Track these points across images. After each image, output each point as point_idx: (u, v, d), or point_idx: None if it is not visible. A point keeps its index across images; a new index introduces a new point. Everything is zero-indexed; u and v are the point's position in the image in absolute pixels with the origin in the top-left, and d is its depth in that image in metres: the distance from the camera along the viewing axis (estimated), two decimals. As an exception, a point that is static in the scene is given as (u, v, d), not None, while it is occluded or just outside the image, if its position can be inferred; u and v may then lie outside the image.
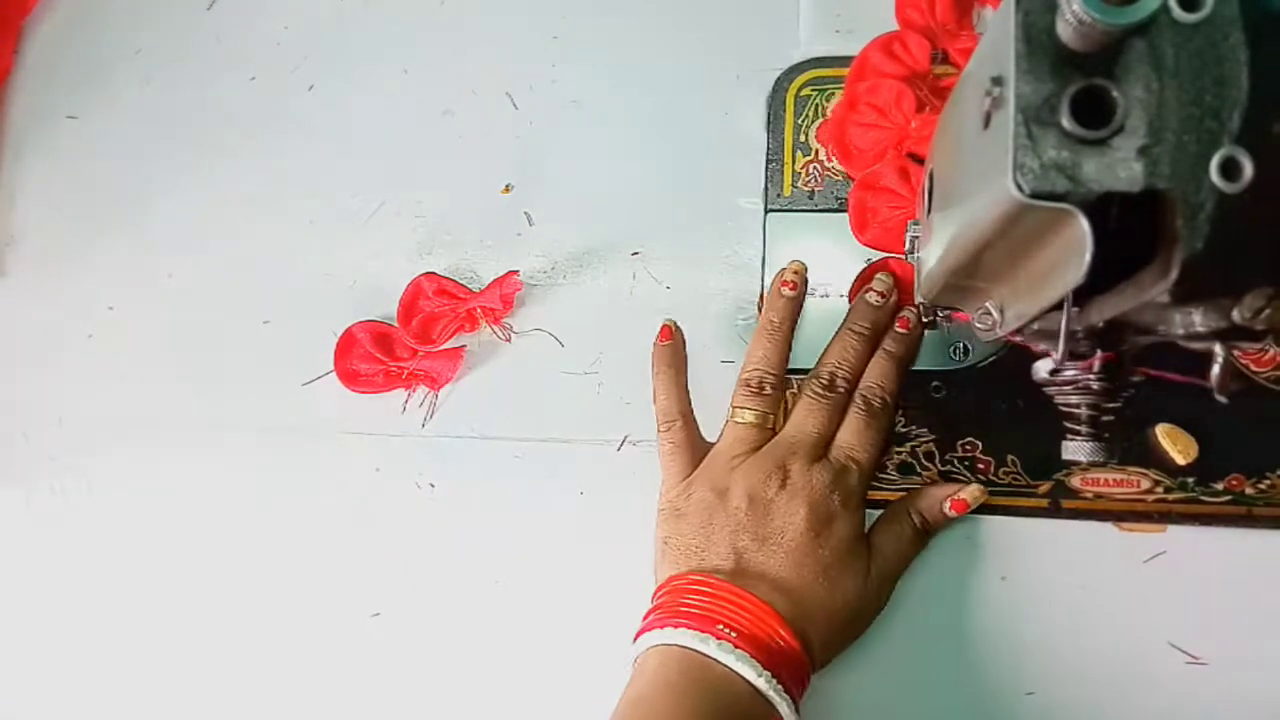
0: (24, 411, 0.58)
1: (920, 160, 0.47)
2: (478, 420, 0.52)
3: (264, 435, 0.54)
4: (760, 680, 0.39)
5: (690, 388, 0.48)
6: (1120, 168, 0.23)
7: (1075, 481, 0.45)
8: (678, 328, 0.48)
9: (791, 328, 0.46)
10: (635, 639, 0.43)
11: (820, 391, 0.45)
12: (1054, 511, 0.45)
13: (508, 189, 0.54)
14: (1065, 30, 0.23)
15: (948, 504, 0.44)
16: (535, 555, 0.50)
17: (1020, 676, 0.45)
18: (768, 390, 0.45)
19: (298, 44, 0.58)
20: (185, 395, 0.56)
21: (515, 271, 0.51)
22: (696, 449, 0.46)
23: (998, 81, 0.25)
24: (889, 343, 0.46)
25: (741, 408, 0.46)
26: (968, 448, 0.46)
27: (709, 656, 0.39)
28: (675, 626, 0.41)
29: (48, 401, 0.58)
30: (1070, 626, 0.45)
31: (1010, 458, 0.46)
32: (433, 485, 0.52)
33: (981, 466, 0.46)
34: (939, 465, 0.46)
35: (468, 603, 0.51)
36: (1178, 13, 0.23)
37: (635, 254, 0.52)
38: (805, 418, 0.45)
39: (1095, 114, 0.23)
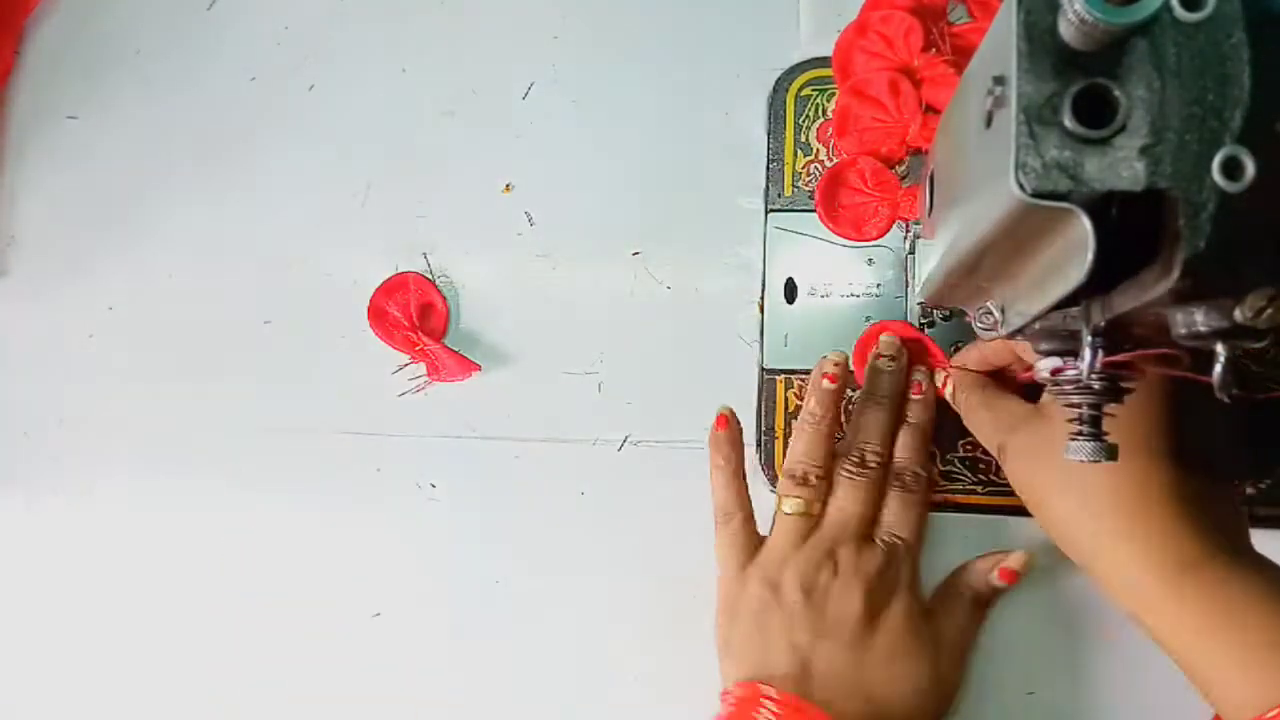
0: (24, 411, 0.58)
1: (916, 81, 0.47)
2: (477, 420, 0.52)
3: (264, 435, 0.54)
4: None
5: (688, 387, 0.48)
6: (1122, 167, 0.23)
7: (1076, 481, 0.45)
8: (734, 415, 0.47)
9: (835, 419, 0.46)
10: None
11: (855, 471, 0.44)
12: (1055, 511, 0.45)
13: (508, 189, 0.54)
14: (1067, 30, 0.23)
15: (995, 575, 0.44)
16: (536, 555, 0.50)
17: (1021, 676, 0.45)
18: (812, 481, 0.45)
19: (298, 44, 0.58)
20: (185, 395, 0.56)
21: (477, 367, 0.52)
22: (752, 544, 0.46)
23: (999, 81, 0.25)
24: (910, 413, 0.46)
25: (786, 497, 0.45)
26: (969, 447, 0.46)
27: None
28: None
29: (48, 401, 0.58)
30: (1071, 626, 0.45)
31: (1011, 458, 0.46)
32: (433, 485, 0.52)
33: (983, 467, 0.46)
34: (940, 465, 0.46)
35: (468, 603, 0.51)
36: (1180, 12, 0.23)
37: (635, 254, 0.52)
38: (845, 500, 0.44)
39: (1097, 113, 0.23)
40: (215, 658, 0.53)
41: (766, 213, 0.50)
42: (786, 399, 0.48)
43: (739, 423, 0.47)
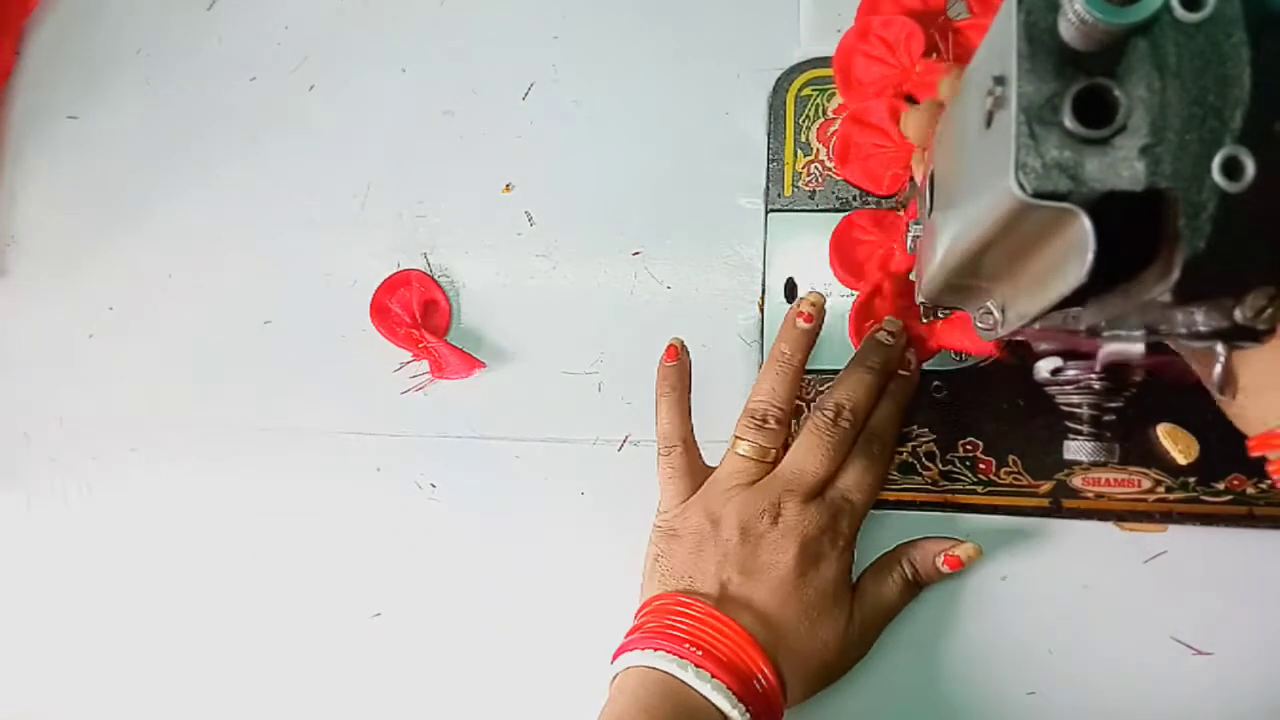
0: (24, 411, 0.58)
1: (916, 102, 0.47)
2: (478, 420, 0.52)
3: (264, 435, 0.54)
4: (734, 712, 0.39)
5: (692, 388, 0.48)
6: (1122, 167, 0.23)
7: (1076, 481, 0.45)
8: (684, 347, 0.47)
9: (804, 361, 0.45)
10: (614, 658, 0.43)
11: (825, 426, 0.43)
12: (1055, 511, 0.45)
13: (508, 189, 0.54)
14: (1067, 30, 0.23)
15: (941, 558, 0.44)
16: (535, 555, 0.50)
17: (1021, 676, 0.45)
18: (771, 424, 0.44)
19: (298, 44, 0.58)
20: (185, 395, 0.56)
21: (482, 364, 0.52)
22: (696, 474, 0.46)
23: (1000, 81, 0.25)
24: (894, 386, 0.45)
25: (741, 439, 0.44)
26: (969, 447, 0.46)
27: (686, 684, 0.39)
28: (655, 649, 0.41)
29: (48, 401, 0.58)
30: (1071, 626, 0.45)
31: (1011, 457, 0.46)
32: (433, 485, 0.52)
33: (983, 466, 0.46)
34: (940, 465, 0.46)
35: (468, 603, 0.51)
36: (1180, 12, 0.23)
37: (635, 254, 0.52)
38: (807, 454, 0.43)
39: (1097, 113, 0.23)
40: (215, 657, 0.53)
41: (766, 213, 0.50)
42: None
43: (688, 354, 0.47)
